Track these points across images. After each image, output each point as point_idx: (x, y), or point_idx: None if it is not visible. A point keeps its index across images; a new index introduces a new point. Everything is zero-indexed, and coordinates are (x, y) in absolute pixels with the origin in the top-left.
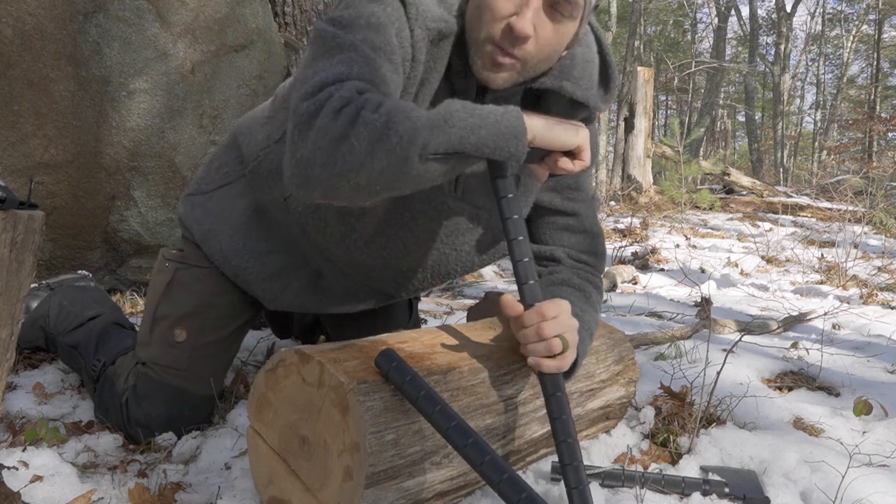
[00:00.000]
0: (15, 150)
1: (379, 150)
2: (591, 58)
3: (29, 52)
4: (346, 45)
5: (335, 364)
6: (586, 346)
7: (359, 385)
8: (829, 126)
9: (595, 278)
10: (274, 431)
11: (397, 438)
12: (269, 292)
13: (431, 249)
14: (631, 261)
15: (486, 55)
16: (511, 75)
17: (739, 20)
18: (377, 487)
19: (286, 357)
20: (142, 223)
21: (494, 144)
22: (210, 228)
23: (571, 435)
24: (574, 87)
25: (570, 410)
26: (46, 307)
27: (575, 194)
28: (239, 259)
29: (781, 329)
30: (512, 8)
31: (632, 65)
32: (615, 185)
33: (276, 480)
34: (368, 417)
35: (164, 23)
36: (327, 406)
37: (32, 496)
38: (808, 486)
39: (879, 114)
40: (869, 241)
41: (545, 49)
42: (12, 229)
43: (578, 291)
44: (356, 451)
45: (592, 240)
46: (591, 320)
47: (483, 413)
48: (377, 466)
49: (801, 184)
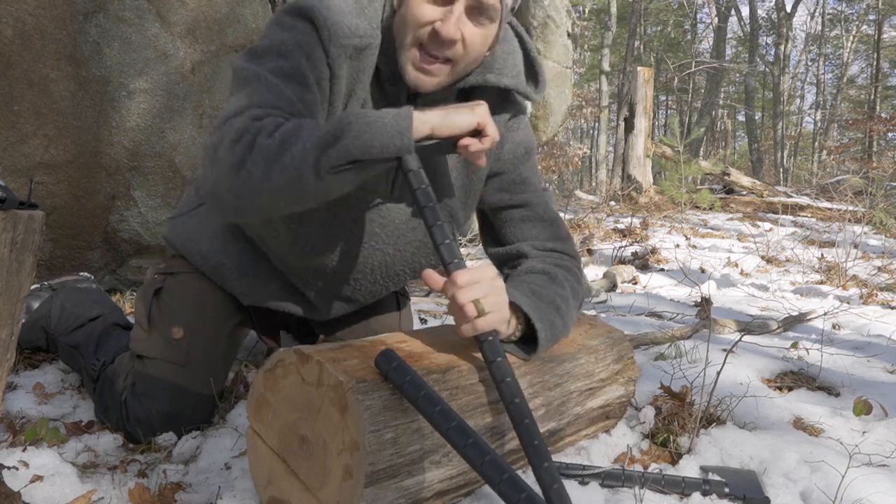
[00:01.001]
0: (15, 150)
1: (274, 172)
2: (512, 50)
3: (29, 52)
4: (251, 77)
5: (334, 363)
6: (550, 319)
7: (358, 384)
8: (829, 126)
9: (565, 261)
10: (273, 431)
11: (396, 437)
12: (245, 287)
13: (375, 251)
14: (631, 261)
15: (413, 60)
16: (440, 79)
17: (739, 20)
18: (377, 486)
19: (285, 357)
20: (142, 223)
21: (381, 144)
22: (190, 237)
23: (518, 396)
24: (498, 77)
25: (513, 373)
26: (48, 308)
27: (522, 187)
28: (217, 257)
29: (781, 329)
30: (437, 14)
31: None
32: (615, 185)
33: (276, 480)
34: (368, 416)
35: (164, 23)
36: (326, 405)
37: (32, 496)
38: (808, 486)
39: (879, 114)
40: (869, 241)
41: (472, 51)
42: (12, 229)
43: (542, 275)
44: (355, 449)
45: (551, 226)
46: (554, 295)
47: (483, 412)
48: (377, 465)
49: (801, 184)
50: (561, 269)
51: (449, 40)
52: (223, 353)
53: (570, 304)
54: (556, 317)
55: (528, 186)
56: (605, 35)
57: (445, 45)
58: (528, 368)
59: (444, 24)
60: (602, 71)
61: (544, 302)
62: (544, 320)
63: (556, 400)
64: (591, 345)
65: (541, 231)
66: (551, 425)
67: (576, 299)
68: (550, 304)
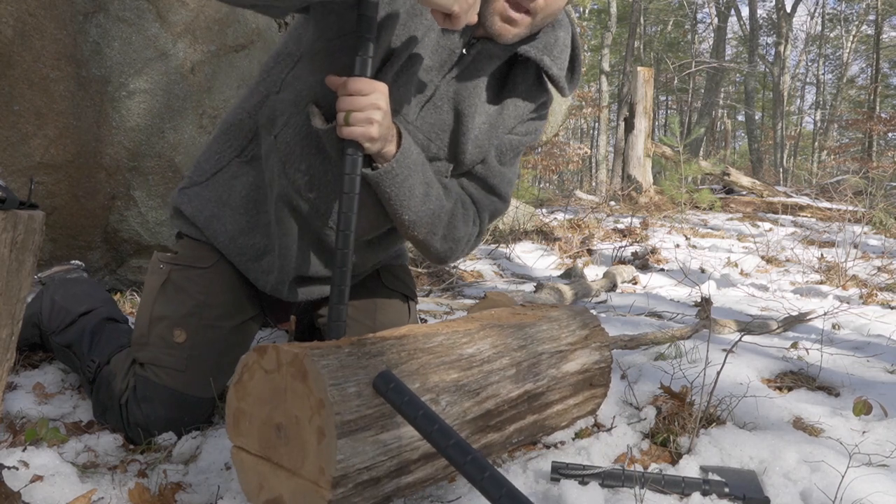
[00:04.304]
0: (15, 150)
1: None
2: (568, 44)
3: (29, 52)
4: None
5: (289, 345)
6: (413, 162)
7: (312, 350)
8: (829, 126)
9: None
10: (252, 437)
11: (360, 391)
12: (270, 266)
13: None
14: (631, 261)
15: (501, 11)
16: (521, 30)
17: (739, 20)
18: (350, 438)
19: (245, 360)
20: (142, 223)
21: None
22: (213, 213)
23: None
24: (552, 64)
25: (357, 194)
26: (39, 304)
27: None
28: (246, 237)
29: (781, 329)
30: None
31: (632, 65)
32: (615, 185)
33: (265, 482)
34: (326, 372)
35: (164, 23)
36: (289, 381)
37: (32, 496)
38: (808, 486)
39: (879, 114)
40: (869, 241)
41: (552, 5)
42: (12, 229)
43: (439, 183)
44: (321, 407)
45: (487, 193)
46: (433, 181)
47: (446, 368)
48: (344, 415)
49: (801, 184)
50: (461, 196)
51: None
52: (226, 355)
53: (443, 203)
54: (422, 183)
55: (504, 158)
56: (605, 35)
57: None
58: (486, 333)
59: None
60: (602, 71)
61: (422, 169)
62: (409, 167)
63: (524, 360)
64: (552, 315)
65: (476, 189)
66: (527, 386)
67: (450, 221)
68: (424, 177)
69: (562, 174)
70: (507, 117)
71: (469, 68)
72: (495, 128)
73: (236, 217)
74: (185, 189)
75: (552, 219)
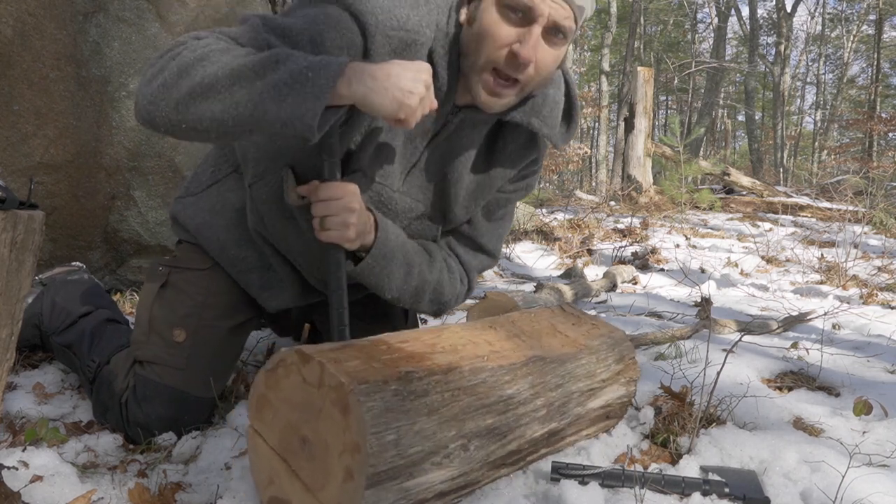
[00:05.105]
0: (15, 150)
1: (183, 82)
2: (560, 99)
3: (29, 52)
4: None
5: (335, 364)
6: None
7: (359, 386)
8: (829, 126)
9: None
10: (274, 431)
11: (398, 439)
12: (266, 282)
13: None
14: (631, 261)
15: (486, 84)
16: (508, 101)
17: (739, 20)
18: (378, 488)
19: (286, 357)
20: (142, 223)
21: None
22: (204, 221)
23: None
24: (541, 125)
25: (346, 288)
26: (39, 305)
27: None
28: (236, 249)
29: (781, 329)
30: (515, 36)
31: (632, 65)
32: (615, 185)
33: (277, 480)
34: (369, 418)
35: (164, 23)
36: (328, 406)
37: (32, 496)
38: (808, 486)
39: (879, 114)
40: (869, 241)
41: (542, 72)
42: (12, 229)
43: (424, 251)
44: (357, 451)
45: (476, 253)
46: (417, 258)
47: (483, 413)
48: (378, 467)
49: (801, 184)
50: (447, 260)
51: (527, 62)
52: (225, 355)
53: (426, 277)
54: (403, 265)
55: (494, 215)
56: (605, 35)
57: (521, 67)
58: (529, 370)
59: (522, 46)
60: (602, 71)
61: (401, 252)
62: (386, 256)
63: (557, 400)
64: (592, 345)
65: (464, 249)
66: (552, 426)
67: (435, 288)
68: (405, 258)
69: (562, 174)
70: (495, 178)
71: (454, 135)
72: (483, 188)
73: (228, 228)
74: (181, 199)
75: (552, 219)
